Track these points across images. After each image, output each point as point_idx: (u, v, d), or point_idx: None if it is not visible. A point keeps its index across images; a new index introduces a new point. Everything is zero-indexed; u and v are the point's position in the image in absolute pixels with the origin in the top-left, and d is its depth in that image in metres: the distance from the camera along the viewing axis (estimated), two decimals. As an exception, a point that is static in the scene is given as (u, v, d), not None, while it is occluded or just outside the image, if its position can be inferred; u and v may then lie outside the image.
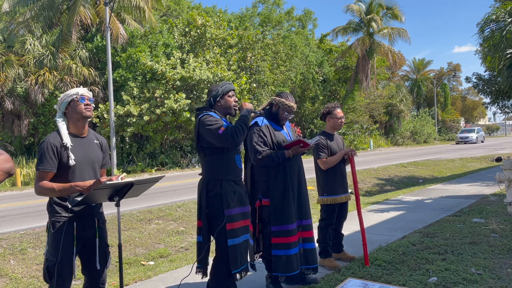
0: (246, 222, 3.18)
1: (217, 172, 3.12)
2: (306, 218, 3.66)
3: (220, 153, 3.11)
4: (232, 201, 3.07)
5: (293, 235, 3.50)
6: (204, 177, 3.18)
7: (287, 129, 3.79)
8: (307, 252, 3.63)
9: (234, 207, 3.08)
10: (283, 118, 3.66)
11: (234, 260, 3.03)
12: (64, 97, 2.71)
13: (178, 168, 18.05)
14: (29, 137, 20.35)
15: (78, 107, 2.69)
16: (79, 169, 2.65)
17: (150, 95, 17.25)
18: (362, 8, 31.80)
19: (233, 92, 3.28)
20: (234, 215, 3.07)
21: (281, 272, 3.42)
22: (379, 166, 15.61)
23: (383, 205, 7.95)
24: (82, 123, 2.74)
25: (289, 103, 3.60)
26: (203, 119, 3.07)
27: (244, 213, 3.17)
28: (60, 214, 2.62)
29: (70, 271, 2.62)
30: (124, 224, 6.89)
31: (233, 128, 3.00)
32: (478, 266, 3.98)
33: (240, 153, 3.20)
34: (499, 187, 8.39)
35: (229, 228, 3.04)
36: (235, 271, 3.02)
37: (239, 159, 3.20)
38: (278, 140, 3.57)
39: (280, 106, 3.62)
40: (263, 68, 22.14)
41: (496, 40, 8.92)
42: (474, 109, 68.03)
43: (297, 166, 3.64)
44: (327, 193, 4.24)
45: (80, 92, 2.71)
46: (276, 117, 3.66)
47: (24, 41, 18.62)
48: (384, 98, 33.00)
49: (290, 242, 3.44)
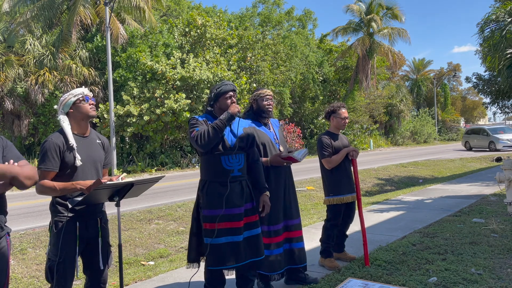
0: (233, 224, 3.10)
1: (204, 172, 3.21)
2: (293, 218, 3.69)
3: (205, 154, 3.16)
4: (211, 202, 3.08)
5: (277, 235, 3.55)
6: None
7: (274, 129, 3.80)
8: (295, 251, 3.66)
9: (215, 208, 3.07)
10: (265, 107, 3.68)
11: (211, 258, 3.07)
12: (69, 97, 2.69)
13: (178, 168, 18.05)
14: (29, 137, 20.36)
15: (83, 106, 2.70)
16: (82, 169, 2.66)
17: (150, 95, 17.25)
18: (362, 8, 31.80)
19: (231, 93, 3.23)
20: (214, 216, 3.07)
21: (262, 270, 3.50)
22: (379, 166, 15.61)
23: (383, 205, 7.95)
24: (86, 123, 2.75)
25: (262, 91, 3.69)
26: (189, 122, 3.17)
27: (230, 215, 3.09)
28: (63, 214, 2.62)
29: (72, 271, 2.62)
30: (124, 224, 6.89)
31: (202, 132, 3.03)
32: (478, 266, 3.98)
33: (231, 153, 3.13)
34: (499, 187, 8.39)
35: (205, 228, 3.10)
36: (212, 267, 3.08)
37: (227, 160, 3.12)
38: (263, 142, 3.61)
39: (257, 99, 3.69)
40: (263, 68, 22.13)
41: (496, 40, 8.93)
42: (474, 109, 68.03)
43: (284, 168, 3.66)
44: (333, 193, 4.22)
45: (85, 92, 2.73)
46: (259, 112, 3.69)
47: (24, 41, 18.62)
48: (384, 98, 32.98)
49: (270, 243, 3.51)
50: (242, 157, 3.22)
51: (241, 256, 3.11)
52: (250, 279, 3.25)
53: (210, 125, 3.06)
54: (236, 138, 3.20)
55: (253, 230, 3.22)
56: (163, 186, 11.56)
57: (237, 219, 3.12)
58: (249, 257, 3.17)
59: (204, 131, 3.03)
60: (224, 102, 3.21)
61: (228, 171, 3.13)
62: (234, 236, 3.09)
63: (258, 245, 3.23)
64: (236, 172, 3.16)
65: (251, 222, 3.23)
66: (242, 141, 3.23)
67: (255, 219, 3.26)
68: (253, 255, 3.19)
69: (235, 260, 3.09)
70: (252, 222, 3.24)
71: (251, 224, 3.22)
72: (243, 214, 3.18)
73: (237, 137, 3.21)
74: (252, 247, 3.19)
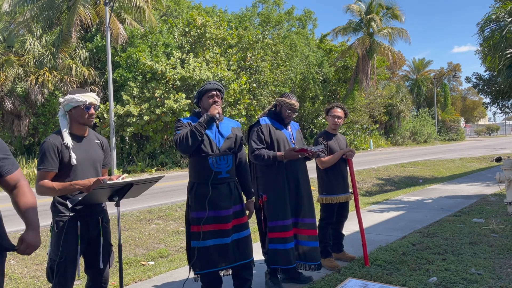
0: (220, 226, 3.08)
1: (192, 174, 3.20)
2: (304, 217, 3.67)
3: (193, 155, 3.15)
4: (198, 204, 3.07)
5: (289, 230, 3.55)
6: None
7: (292, 130, 3.81)
8: (307, 249, 3.65)
9: (203, 210, 3.05)
10: (286, 116, 3.73)
11: (199, 261, 3.06)
12: (71, 100, 2.68)
13: (178, 168, 18.04)
14: (29, 137, 20.35)
15: (81, 114, 2.69)
16: (81, 168, 2.66)
17: (150, 95, 17.25)
18: (362, 8, 31.80)
19: (214, 92, 3.17)
20: (201, 218, 3.05)
21: (279, 265, 3.50)
22: (379, 166, 15.61)
23: (383, 205, 7.95)
24: (83, 126, 2.77)
25: (290, 101, 3.69)
26: (175, 125, 3.19)
27: (218, 217, 3.07)
28: (64, 214, 2.63)
29: (74, 271, 2.63)
30: (124, 224, 6.89)
31: (181, 135, 3.01)
32: (478, 266, 3.97)
33: (219, 155, 3.09)
34: (499, 187, 8.39)
35: (193, 230, 3.09)
36: (201, 271, 3.07)
37: (215, 161, 3.09)
38: (277, 139, 3.62)
39: (282, 105, 3.72)
40: (263, 68, 22.13)
41: (496, 40, 8.92)
42: (474, 109, 68.04)
43: (296, 165, 3.66)
44: (326, 193, 4.25)
45: (88, 102, 2.68)
46: (280, 116, 3.74)
47: (24, 41, 18.61)
48: (384, 98, 32.97)
49: (286, 237, 3.51)
50: (231, 158, 3.18)
51: (230, 258, 3.09)
52: (247, 278, 3.23)
53: (190, 128, 3.02)
54: (223, 139, 3.16)
55: (242, 232, 3.20)
56: (163, 186, 11.56)
57: (224, 221, 3.08)
58: (238, 260, 3.14)
59: (183, 135, 3.01)
60: (207, 102, 3.18)
61: (215, 173, 3.09)
62: (222, 238, 3.07)
63: (248, 247, 3.21)
64: (224, 174, 3.12)
65: (240, 224, 3.20)
66: (230, 141, 3.19)
67: (244, 221, 3.24)
68: (242, 258, 3.16)
69: (224, 262, 3.07)
70: (241, 224, 3.21)
71: (240, 226, 3.19)
72: (232, 216, 3.13)
73: (224, 138, 3.17)
74: (241, 249, 3.16)
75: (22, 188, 2.17)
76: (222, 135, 3.17)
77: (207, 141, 3.10)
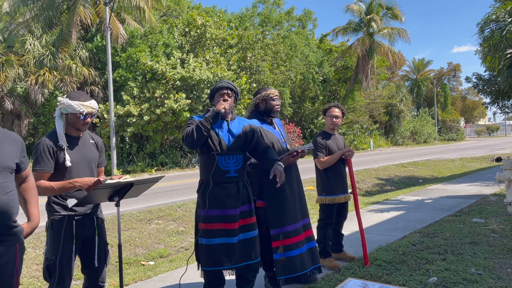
0: (227, 225, 3.06)
1: (201, 172, 3.20)
2: (307, 217, 3.68)
3: (203, 153, 3.15)
4: (206, 202, 3.06)
5: (297, 235, 3.47)
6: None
7: (279, 128, 3.77)
8: (312, 251, 3.63)
9: (210, 208, 3.05)
10: (274, 107, 3.65)
11: (204, 258, 3.07)
12: (68, 105, 2.66)
13: (178, 168, 18.04)
14: (29, 137, 20.33)
15: (77, 121, 2.70)
16: (76, 168, 2.67)
17: (150, 95, 17.25)
18: (362, 8, 31.80)
19: (225, 90, 3.18)
20: (208, 216, 3.06)
21: (284, 275, 3.38)
22: (379, 166, 15.61)
23: (383, 205, 7.95)
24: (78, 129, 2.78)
25: (270, 91, 3.64)
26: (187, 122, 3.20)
27: (225, 216, 3.06)
28: (59, 213, 2.64)
29: (70, 270, 2.63)
30: (124, 224, 6.89)
31: (188, 131, 3.03)
32: (478, 266, 3.97)
33: (228, 154, 3.09)
34: (499, 187, 8.39)
35: (200, 228, 3.10)
36: (205, 268, 3.07)
37: (224, 160, 3.08)
38: (270, 140, 3.57)
39: (266, 99, 3.64)
40: (263, 68, 22.13)
41: (496, 40, 8.92)
42: (474, 109, 68.03)
43: (292, 167, 3.63)
44: (325, 193, 4.24)
45: (85, 112, 2.67)
46: (268, 111, 3.65)
47: (24, 41, 18.60)
48: (384, 98, 32.98)
49: (290, 244, 3.41)
50: (240, 157, 3.14)
51: (236, 258, 3.06)
52: (250, 279, 3.22)
53: (196, 123, 3.04)
54: (234, 138, 3.14)
55: (249, 233, 3.16)
56: (163, 186, 11.55)
57: (231, 221, 3.06)
58: (244, 260, 3.11)
59: (189, 130, 3.02)
60: (217, 100, 3.19)
61: (223, 171, 3.07)
62: (228, 238, 3.05)
63: (254, 248, 3.17)
64: (233, 173, 3.10)
65: (248, 224, 3.16)
66: (240, 140, 3.15)
67: (252, 222, 3.19)
68: (248, 258, 3.13)
69: (229, 261, 3.05)
70: (249, 224, 3.17)
71: (248, 227, 3.16)
72: (239, 216, 3.10)
73: (235, 137, 3.15)
74: (247, 250, 3.13)
75: (30, 182, 2.31)
76: (232, 134, 3.15)
77: (216, 140, 3.09)
